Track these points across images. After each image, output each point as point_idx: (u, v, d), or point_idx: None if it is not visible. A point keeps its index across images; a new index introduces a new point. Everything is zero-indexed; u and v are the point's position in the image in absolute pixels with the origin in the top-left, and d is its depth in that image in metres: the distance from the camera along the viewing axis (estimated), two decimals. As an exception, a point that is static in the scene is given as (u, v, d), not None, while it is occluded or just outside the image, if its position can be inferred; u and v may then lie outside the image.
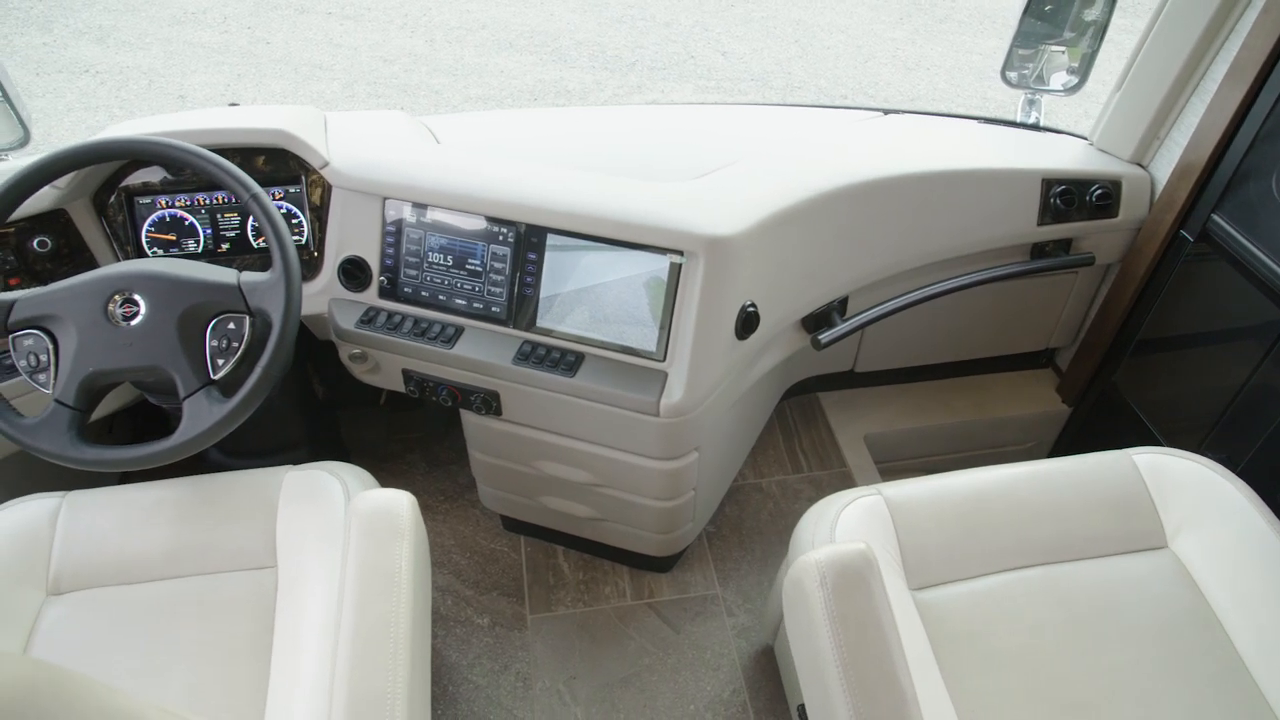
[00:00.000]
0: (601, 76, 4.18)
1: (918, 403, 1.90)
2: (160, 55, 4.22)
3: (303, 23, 4.53)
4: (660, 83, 4.15)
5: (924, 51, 4.45)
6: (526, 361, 1.29)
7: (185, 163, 1.12)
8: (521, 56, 4.30)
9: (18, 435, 1.06)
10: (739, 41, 4.49)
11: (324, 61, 4.24)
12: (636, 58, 4.33)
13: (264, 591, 1.12)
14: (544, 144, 1.47)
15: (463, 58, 4.29)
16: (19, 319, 1.09)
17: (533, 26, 4.55)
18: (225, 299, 1.11)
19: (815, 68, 4.30)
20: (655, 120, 1.61)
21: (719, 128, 1.57)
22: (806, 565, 0.90)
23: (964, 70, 4.29)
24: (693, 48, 4.42)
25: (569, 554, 1.64)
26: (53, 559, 1.13)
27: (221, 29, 4.47)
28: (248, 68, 4.18)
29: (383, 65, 4.22)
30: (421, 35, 4.46)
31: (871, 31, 4.60)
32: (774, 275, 1.33)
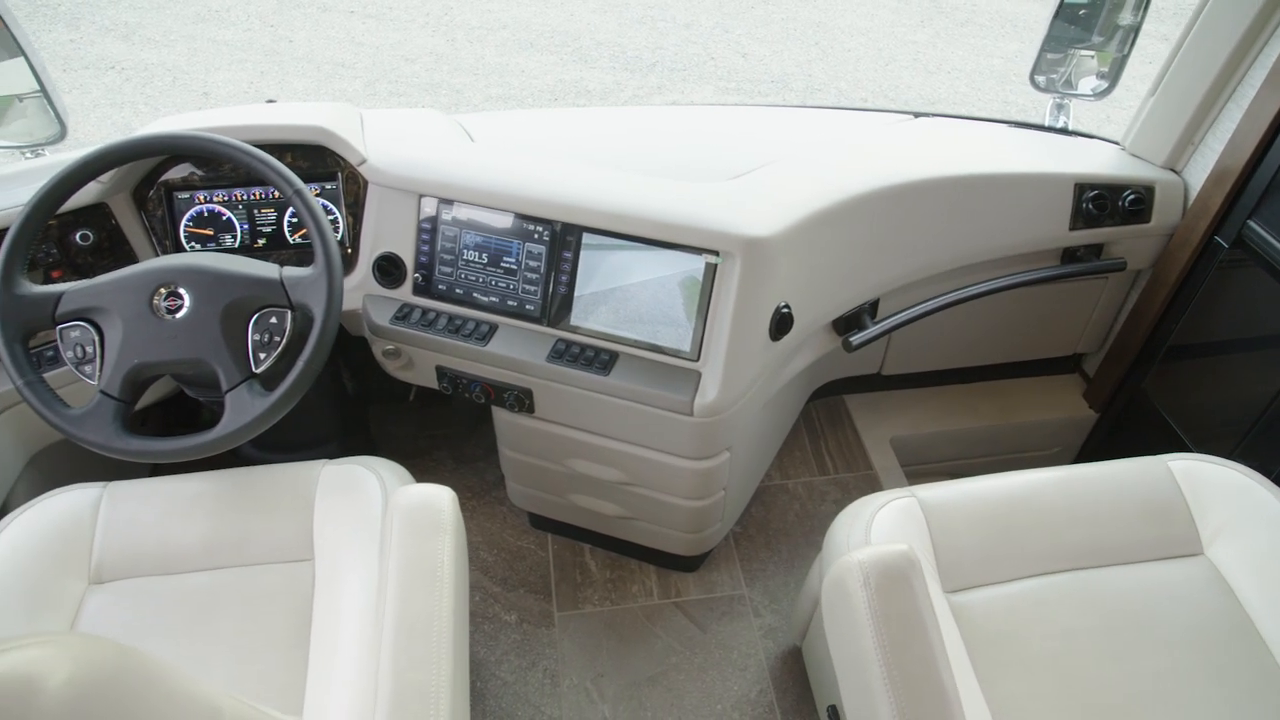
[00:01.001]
0: (622, 77, 4.19)
1: (944, 406, 1.89)
2: (184, 52, 4.26)
3: (325, 21, 4.56)
4: (680, 84, 4.16)
5: (945, 55, 4.43)
6: (560, 359, 1.30)
7: (231, 158, 1.13)
8: (542, 56, 4.32)
9: (65, 425, 1.08)
10: (759, 43, 4.49)
11: (346, 60, 4.27)
12: (657, 58, 4.33)
13: (301, 584, 1.13)
14: (577, 143, 1.47)
15: (484, 57, 4.31)
16: (66, 311, 1.10)
17: (553, 26, 4.57)
18: (267, 293, 1.12)
19: (836, 70, 4.30)
20: (687, 121, 1.62)
21: (751, 129, 1.58)
22: (849, 565, 0.91)
23: (985, 74, 4.28)
24: (713, 49, 4.43)
25: (596, 552, 1.65)
26: (94, 548, 1.14)
27: (245, 27, 4.50)
28: (270, 65, 4.21)
29: (404, 64, 4.25)
30: (443, 34, 4.48)
31: (892, 34, 4.59)
32: (808, 277, 1.33)
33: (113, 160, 1.13)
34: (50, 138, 1.59)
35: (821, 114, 1.70)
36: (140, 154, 1.14)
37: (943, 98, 4.12)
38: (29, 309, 1.09)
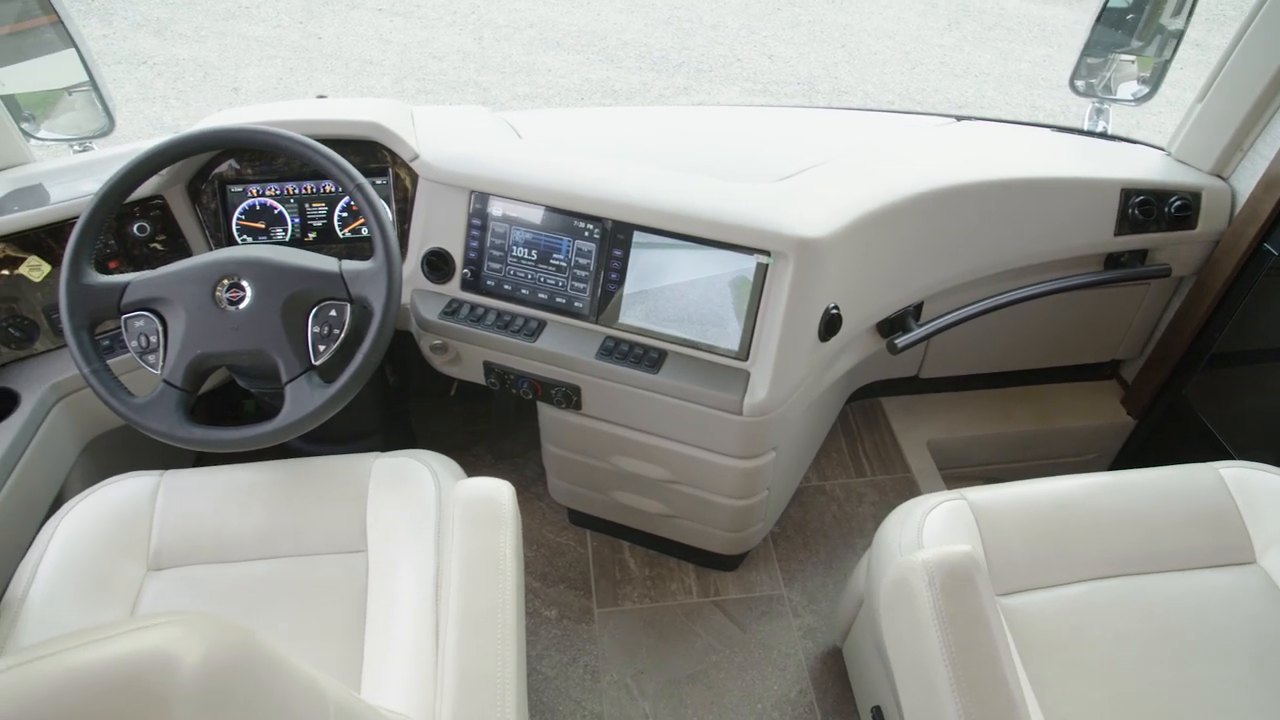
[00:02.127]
0: (648, 77, 4.20)
1: (980, 410, 1.89)
2: (215, 48, 4.30)
3: (353, 18, 4.59)
4: (707, 85, 4.16)
5: (972, 59, 4.42)
6: (610, 357, 1.31)
7: (295, 153, 1.14)
8: (569, 56, 4.33)
9: (129, 414, 1.09)
10: (785, 45, 4.49)
11: (374, 57, 4.30)
12: (683, 59, 4.34)
13: (355, 575, 1.14)
14: (623, 142, 1.48)
15: (510, 56, 4.33)
16: (131, 301, 1.12)
17: (580, 26, 4.58)
18: (328, 286, 1.13)
19: (862, 73, 4.29)
20: (730, 122, 1.62)
21: (795, 131, 1.58)
22: (912, 565, 0.91)
23: (1013, 78, 4.26)
24: (739, 50, 4.43)
25: (635, 549, 1.65)
26: (153, 535, 1.16)
27: (274, 23, 4.54)
28: (299, 62, 4.24)
29: (432, 62, 4.27)
30: (470, 33, 4.50)
31: (919, 37, 4.58)
32: (856, 278, 1.34)
33: (178, 153, 1.14)
34: (98, 131, 1.61)
35: (863, 116, 1.70)
36: (206, 147, 1.16)
37: (970, 101, 4.11)
38: (96, 298, 1.11)
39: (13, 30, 1.53)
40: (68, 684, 0.41)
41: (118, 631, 0.44)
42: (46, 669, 0.41)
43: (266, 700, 0.46)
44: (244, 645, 0.46)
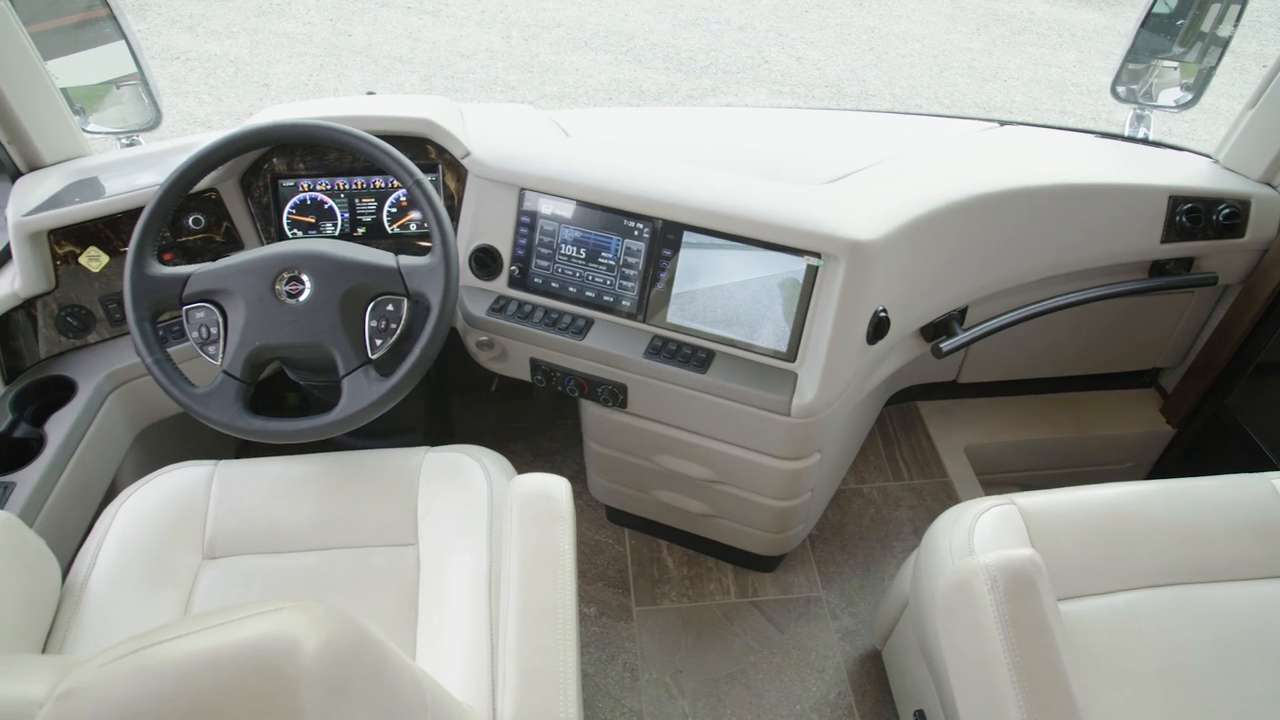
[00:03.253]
0: (676, 78, 4.21)
1: (1017, 416, 1.88)
2: (247, 44, 4.34)
3: (383, 16, 4.62)
4: (734, 86, 4.16)
5: (1001, 63, 4.40)
6: (657, 356, 1.31)
7: (354, 148, 1.15)
8: (596, 55, 4.34)
9: (191, 404, 1.11)
10: (813, 48, 4.48)
11: (403, 55, 4.33)
12: (711, 60, 4.34)
13: (406, 568, 1.15)
14: (670, 142, 1.48)
15: (538, 55, 4.34)
16: (193, 292, 1.13)
17: (607, 26, 4.59)
18: (385, 281, 1.14)
19: (890, 76, 4.28)
20: (776, 123, 1.62)
21: (840, 133, 1.58)
22: (974, 569, 0.91)
23: (1042, 83, 4.24)
24: (767, 52, 4.43)
25: (673, 548, 1.66)
26: (208, 525, 1.17)
27: (305, 20, 4.57)
28: (329, 59, 4.28)
29: (460, 60, 4.29)
30: (498, 31, 4.52)
31: (947, 41, 4.56)
32: (904, 282, 1.34)
33: (241, 147, 1.16)
34: (145, 124, 1.62)
35: (906, 120, 1.70)
36: (268, 141, 1.17)
37: (998, 106, 4.09)
38: (159, 289, 1.12)
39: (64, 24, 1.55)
40: (202, 664, 0.41)
41: (241, 616, 0.45)
42: (180, 649, 0.42)
43: (378, 686, 0.47)
44: (358, 633, 0.47)
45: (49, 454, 1.22)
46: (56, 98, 1.39)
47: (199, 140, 1.45)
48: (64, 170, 1.38)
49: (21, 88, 1.29)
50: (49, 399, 1.31)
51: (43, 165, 1.38)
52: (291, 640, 0.43)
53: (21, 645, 0.98)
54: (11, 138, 1.32)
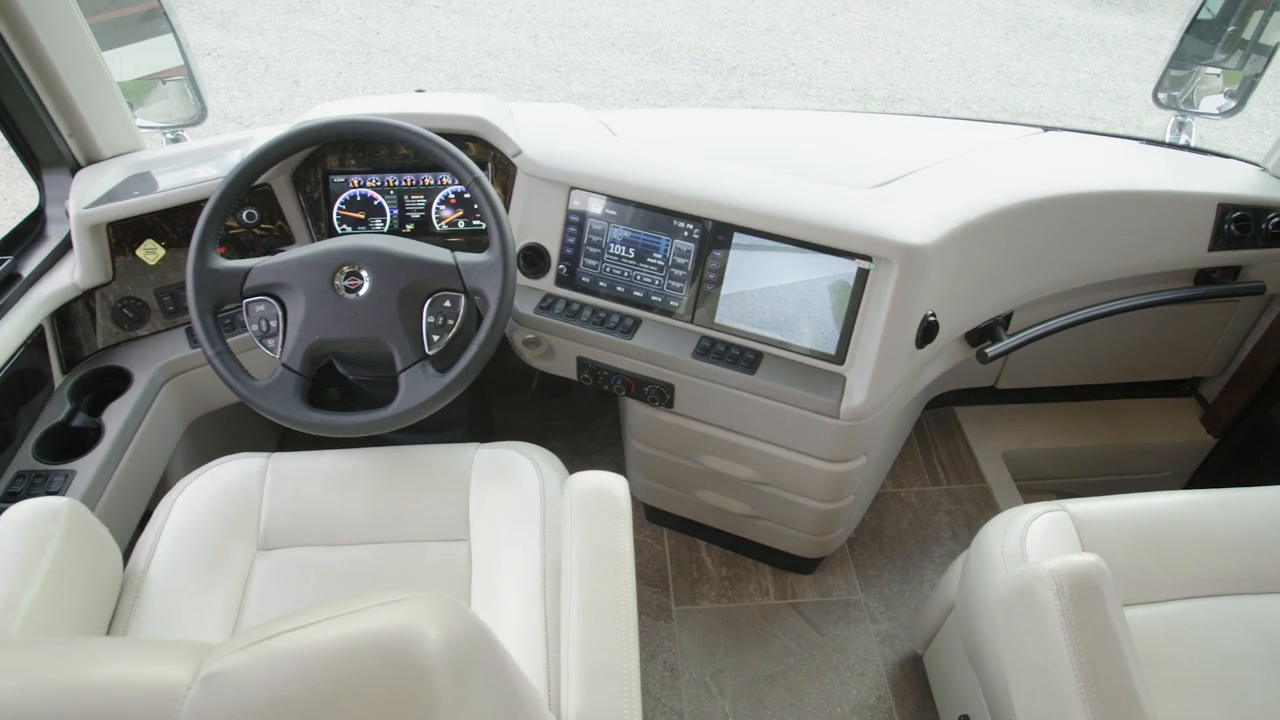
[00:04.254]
0: (702, 79, 4.21)
1: (1055, 423, 1.87)
2: (276, 41, 4.37)
3: (411, 14, 4.65)
4: (761, 88, 4.16)
5: (1029, 68, 4.38)
6: (706, 356, 1.32)
7: (414, 145, 1.16)
8: (623, 56, 4.35)
9: (251, 396, 1.12)
10: (840, 50, 4.48)
11: (431, 53, 4.35)
12: (737, 62, 4.34)
13: (458, 563, 1.15)
14: (716, 143, 1.49)
15: (565, 55, 4.36)
16: (253, 286, 1.14)
17: (634, 27, 4.60)
18: (443, 277, 1.15)
19: (917, 80, 4.27)
20: (820, 125, 1.63)
21: (885, 137, 1.58)
22: (1038, 573, 0.91)
23: (1070, 89, 4.21)
24: (793, 55, 4.42)
25: (712, 549, 1.66)
26: (262, 516, 1.18)
27: (334, 18, 4.61)
28: (358, 56, 4.31)
29: (488, 59, 4.31)
30: (525, 31, 4.54)
31: (975, 46, 4.54)
32: (953, 286, 1.33)
33: (304, 142, 1.17)
34: (189, 120, 1.64)
35: (950, 124, 1.70)
36: (329, 138, 1.18)
37: (1026, 111, 4.07)
38: (221, 282, 1.13)
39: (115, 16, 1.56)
40: (340, 652, 0.42)
41: (369, 605, 0.46)
42: (316, 636, 0.43)
43: (496, 676, 0.47)
44: (475, 623, 0.48)
45: (107, 443, 1.23)
46: (115, 91, 1.40)
47: (253, 136, 1.47)
48: (121, 164, 1.40)
49: (83, 81, 1.31)
50: (104, 389, 1.33)
51: (100, 159, 1.40)
52: (419, 630, 0.44)
53: (88, 628, 0.99)
54: (73, 131, 1.34)
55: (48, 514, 0.98)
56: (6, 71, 1.22)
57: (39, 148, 1.33)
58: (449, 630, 0.45)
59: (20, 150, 1.33)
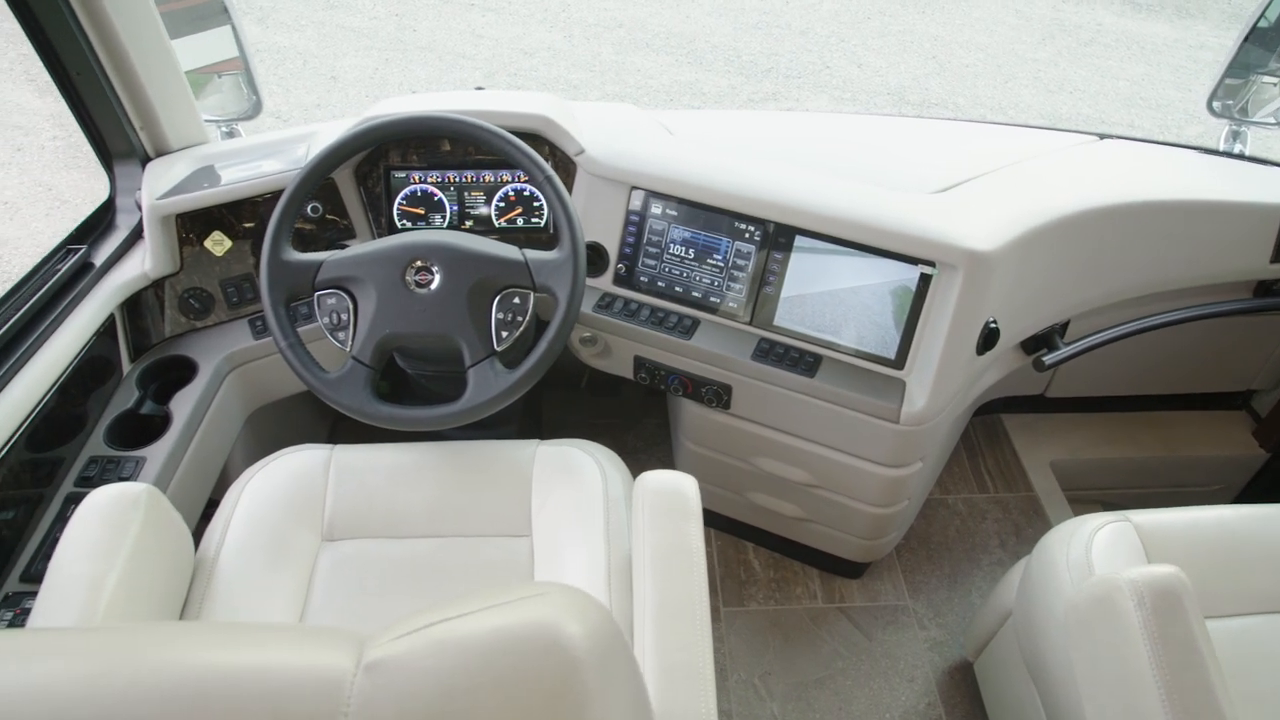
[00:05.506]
0: (736, 81, 4.21)
1: (1103, 433, 1.86)
2: (314, 38, 4.42)
3: (447, 12, 4.68)
4: (796, 91, 4.15)
5: (1067, 74, 4.34)
6: (765, 359, 1.32)
7: (486, 142, 1.17)
8: (658, 57, 4.36)
9: (322, 388, 1.13)
10: (875, 54, 4.46)
11: (466, 51, 4.37)
12: (772, 64, 4.33)
13: (520, 558, 1.16)
14: (771, 145, 1.49)
15: (600, 54, 4.37)
16: (325, 279, 1.16)
17: (669, 28, 4.60)
18: (513, 274, 1.16)
19: (953, 85, 4.24)
20: (874, 130, 1.62)
21: (940, 142, 1.57)
22: (1117, 584, 0.90)
23: (1109, 96, 4.17)
24: (828, 58, 4.41)
25: (759, 550, 1.66)
26: (326, 507, 1.19)
27: (371, 15, 4.64)
28: (395, 53, 4.34)
29: (523, 58, 4.33)
30: (560, 30, 4.56)
31: (1012, 52, 4.51)
32: (1014, 294, 1.33)
33: (377, 137, 1.18)
34: (244, 113, 1.66)
35: (1004, 130, 1.69)
36: (403, 134, 1.19)
37: (1064, 117, 4.03)
38: (293, 275, 1.15)
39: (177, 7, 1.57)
40: (496, 643, 0.43)
41: (515, 597, 0.46)
42: (472, 627, 0.43)
43: (632, 669, 0.48)
44: (610, 618, 0.48)
45: (175, 431, 1.25)
46: (184, 84, 1.42)
47: (316, 130, 1.49)
48: (189, 156, 1.42)
49: (156, 73, 1.33)
50: (169, 377, 1.35)
51: (169, 151, 1.42)
52: (566, 624, 0.44)
53: (164, 613, 1.01)
54: (144, 124, 1.36)
55: (128, 499, 0.99)
56: (87, 64, 1.24)
57: (112, 140, 1.36)
58: (592, 625, 0.46)
59: (94, 142, 1.35)
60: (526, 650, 0.43)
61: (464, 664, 0.41)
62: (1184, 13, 4.90)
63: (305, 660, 0.42)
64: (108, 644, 0.43)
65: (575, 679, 0.43)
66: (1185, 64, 4.39)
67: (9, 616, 1.04)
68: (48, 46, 1.22)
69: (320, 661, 0.41)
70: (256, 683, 0.40)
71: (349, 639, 0.43)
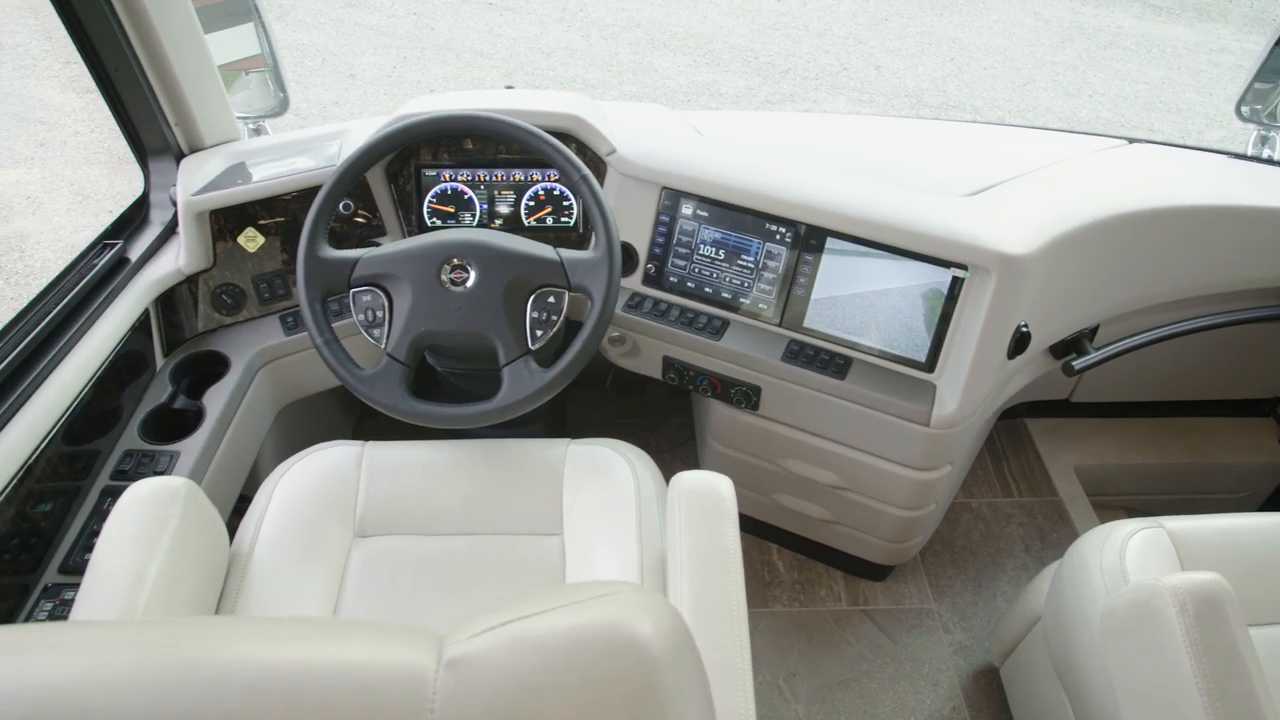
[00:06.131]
0: (754, 82, 4.21)
1: (1128, 439, 1.85)
2: (333, 35, 4.43)
3: (465, 11, 4.69)
4: (813, 92, 4.15)
5: (1086, 78, 4.32)
6: (796, 360, 1.32)
7: (523, 141, 1.17)
8: (675, 57, 4.36)
9: (358, 385, 1.14)
10: (893, 56, 4.45)
11: (484, 50, 4.38)
12: (789, 66, 4.33)
13: (552, 557, 1.16)
14: (800, 147, 1.49)
15: (617, 54, 4.37)
16: (361, 276, 1.16)
17: (686, 28, 4.60)
18: (548, 273, 1.16)
19: (971, 88, 4.23)
20: (902, 132, 1.62)
21: (968, 145, 1.57)
22: (1157, 590, 0.90)
23: (1129, 100, 4.15)
24: (845, 60, 4.40)
25: (783, 552, 1.66)
26: (358, 503, 1.20)
27: (389, 13, 4.66)
28: (413, 52, 4.35)
29: (541, 57, 4.34)
30: (578, 30, 4.56)
31: (1031, 54, 4.49)
32: (1045, 298, 1.32)
33: (416, 135, 1.18)
34: (271, 110, 1.67)
35: (1032, 134, 1.68)
36: (442, 131, 1.19)
37: (1083, 121, 4.02)
38: (330, 272, 1.15)
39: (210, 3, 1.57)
40: (575, 641, 0.43)
41: (589, 596, 0.47)
42: (550, 625, 0.44)
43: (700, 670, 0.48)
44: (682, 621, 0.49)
45: (209, 425, 1.26)
46: (218, 80, 1.43)
47: (348, 128, 1.49)
48: (223, 153, 1.43)
49: (191, 70, 1.34)
50: (201, 372, 1.36)
51: (203, 147, 1.43)
52: (641, 623, 0.45)
53: (200, 606, 1.02)
54: (179, 120, 1.37)
55: (168, 493, 1.00)
56: (125, 61, 1.25)
57: (147, 136, 1.37)
58: (665, 625, 0.46)
59: (130, 138, 1.36)
60: (604, 649, 0.43)
61: (545, 663, 0.41)
62: (1204, 16, 4.87)
63: (388, 657, 0.42)
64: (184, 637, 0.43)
65: (655, 679, 0.43)
66: (1206, 68, 4.36)
67: (49, 607, 1.05)
68: (87, 43, 1.23)
69: (402, 658, 0.42)
70: (343, 679, 0.40)
71: (425, 635, 0.44)
